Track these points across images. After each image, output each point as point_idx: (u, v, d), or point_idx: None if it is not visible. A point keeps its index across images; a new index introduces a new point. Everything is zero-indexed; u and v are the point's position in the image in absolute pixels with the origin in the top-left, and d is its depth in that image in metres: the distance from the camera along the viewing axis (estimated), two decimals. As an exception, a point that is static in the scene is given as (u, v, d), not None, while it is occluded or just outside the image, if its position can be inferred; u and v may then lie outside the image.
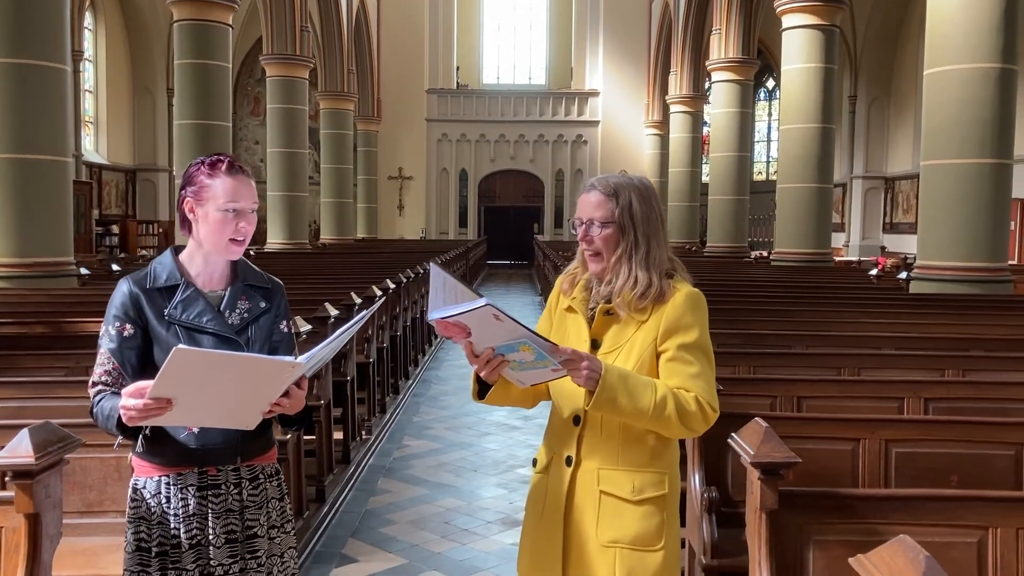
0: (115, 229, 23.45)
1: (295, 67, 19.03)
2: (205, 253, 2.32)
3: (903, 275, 10.30)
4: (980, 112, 9.25)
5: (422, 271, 10.47)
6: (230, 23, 14.07)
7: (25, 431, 2.14)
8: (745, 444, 2.23)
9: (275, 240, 19.31)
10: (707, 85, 23.78)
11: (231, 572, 2.28)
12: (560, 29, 32.68)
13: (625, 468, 2.17)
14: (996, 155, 9.35)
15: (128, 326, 2.24)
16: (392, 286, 8.04)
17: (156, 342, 2.24)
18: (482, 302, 1.92)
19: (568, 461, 2.23)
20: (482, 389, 2.27)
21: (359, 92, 25.74)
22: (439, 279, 2.03)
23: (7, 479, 2.11)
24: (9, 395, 3.91)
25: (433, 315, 2.01)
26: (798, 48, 14.20)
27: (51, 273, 8.89)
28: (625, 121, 30.23)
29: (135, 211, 25.48)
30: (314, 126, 24.59)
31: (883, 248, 25.14)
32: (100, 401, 2.18)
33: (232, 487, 2.30)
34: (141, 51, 25.65)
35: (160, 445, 2.22)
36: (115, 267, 10.48)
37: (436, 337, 12.19)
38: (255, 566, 2.32)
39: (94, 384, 2.22)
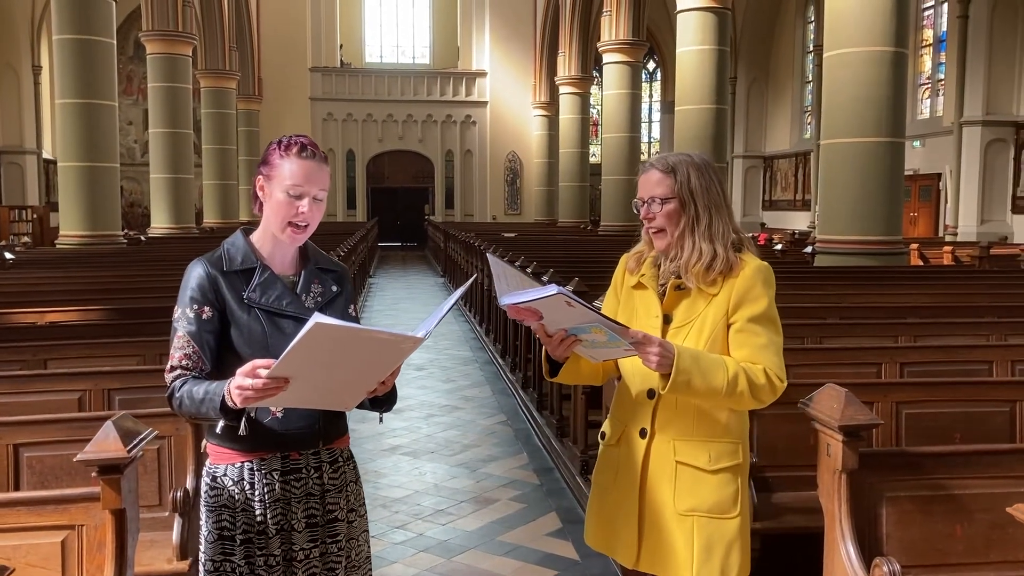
0: (-18, 215, 21.99)
1: (177, 44, 18.24)
2: (273, 235, 2.27)
3: (808, 249, 10.80)
4: (876, 92, 9.73)
5: (343, 251, 10.30)
6: (113, -2, 13.37)
7: (110, 424, 2.02)
8: (824, 409, 2.31)
9: (160, 224, 18.52)
10: (595, 67, 24.16)
11: (312, 556, 2.25)
12: (444, 8, 32.36)
13: (700, 439, 2.21)
14: (890, 134, 9.87)
15: (207, 308, 2.16)
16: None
17: (235, 325, 2.17)
18: (553, 290, 1.97)
19: (642, 433, 2.26)
20: (553, 369, 2.30)
21: (240, 70, 24.89)
22: (499, 267, 2.11)
23: (93, 474, 1.99)
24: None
25: (505, 300, 2.07)
26: (692, 30, 14.51)
27: (-58, 262, 8.31)
28: (514, 102, 30.23)
29: (0, 196, 23.93)
30: (193, 105, 23.67)
31: (763, 224, 26.20)
32: (183, 386, 2.09)
33: (312, 471, 2.26)
34: (2, 25, 24.00)
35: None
36: (8, 255, 9.83)
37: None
38: (335, 550, 2.29)
39: (172, 369, 2.12)
